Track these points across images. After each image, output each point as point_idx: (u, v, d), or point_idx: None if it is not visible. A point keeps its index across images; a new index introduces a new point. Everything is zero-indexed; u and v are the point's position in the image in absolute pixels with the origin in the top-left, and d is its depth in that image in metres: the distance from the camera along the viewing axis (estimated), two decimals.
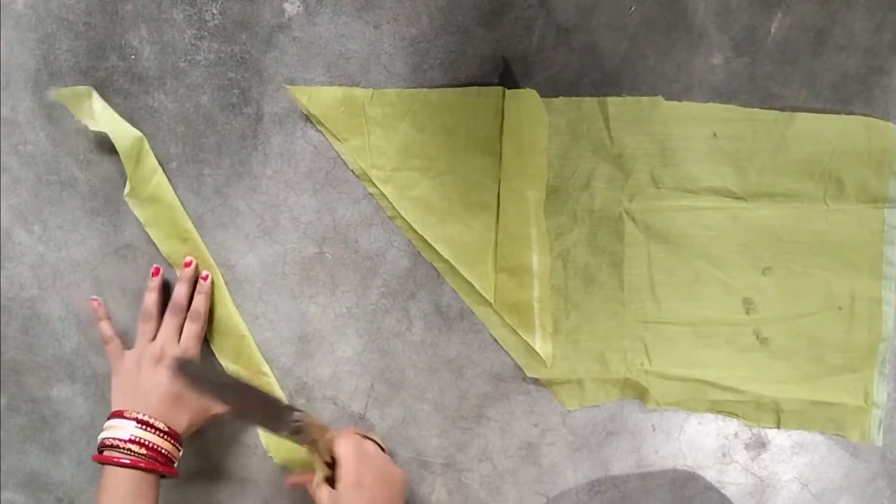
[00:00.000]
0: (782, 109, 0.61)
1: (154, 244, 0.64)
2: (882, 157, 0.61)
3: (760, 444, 0.64)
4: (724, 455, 0.64)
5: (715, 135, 0.61)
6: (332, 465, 0.55)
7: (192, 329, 0.61)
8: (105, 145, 0.63)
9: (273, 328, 0.65)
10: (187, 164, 0.63)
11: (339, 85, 0.62)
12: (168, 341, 0.60)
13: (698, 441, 0.64)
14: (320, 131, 0.63)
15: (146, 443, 0.55)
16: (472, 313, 0.64)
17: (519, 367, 0.64)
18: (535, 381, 0.64)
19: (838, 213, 0.62)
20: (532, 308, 0.62)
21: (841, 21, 0.61)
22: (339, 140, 0.63)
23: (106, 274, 0.65)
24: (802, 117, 0.61)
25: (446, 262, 0.63)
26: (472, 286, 0.63)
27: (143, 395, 0.58)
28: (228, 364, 0.64)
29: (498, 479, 0.65)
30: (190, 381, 0.52)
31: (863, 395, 0.62)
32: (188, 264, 0.62)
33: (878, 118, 0.61)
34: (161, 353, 0.59)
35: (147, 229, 0.63)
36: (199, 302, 0.62)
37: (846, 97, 0.61)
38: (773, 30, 0.61)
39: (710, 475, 0.64)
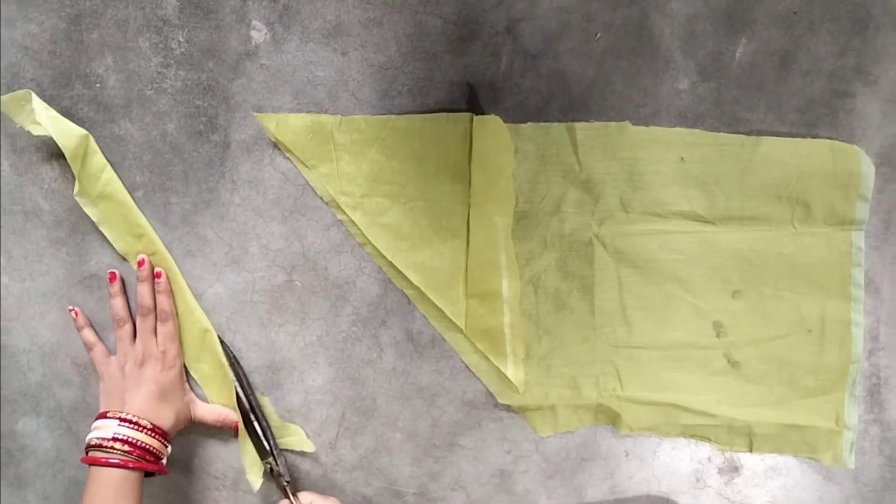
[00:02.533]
0: (748, 133, 0.61)
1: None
2: (848, 180, 0.61)
3: (734, 469, 0.63)
4: (697, 480, 0.63)
5: (682, 159, 0.61)
6: None
7: (165, 330, 0.61)
8: (70, 175, 0.62)
9: (242, 357, 0.64)
10: (154, 193, 0.63)
11: (307, 112, 0.62)
12: (147, 343, 0.61)
13: (672, 466, 0.63)
14: (288, 158, 0.63)
15: (130, 440, 0.56)
16: (444, 340, 0.64)
17: (491, 394, 0.63)
18: (508, 408, 0.64)
19: (806, 236, 0.62)
20: (503, 334, 0.62)
21: (805, 46, 0.61)
22: (307, 167, 0.62)
23: (72, 304, 0.64)
24: (768, 141, 0.61)
25: (417, 288, 0.62)
26: (443, 312, 0.62)
27: (129, 396, 0.59)
28: (191, 363, 0.63)
29: None
30: None
31: (834, 417, 0.62)
32: (141, 263, 0.61)
33: (843, 141, 0.61)
34: (143, 355, 0.60)
35: (101, 228, 0.62)
36: (163, 301, 0.62)
37: (811, 121, 0.62)
38: (738, 55, 0.61)
39: (684, 500, 0.63)
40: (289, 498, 0.59)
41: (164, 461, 0.59)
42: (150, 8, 0.62)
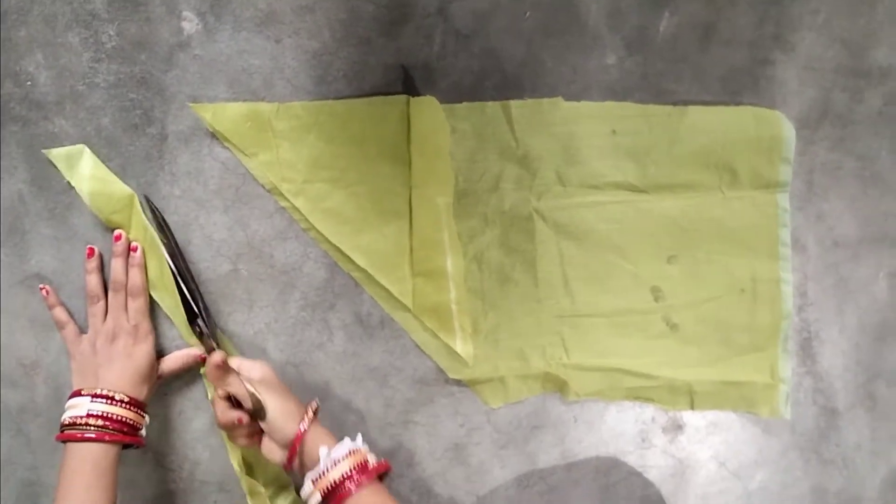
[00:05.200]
0: (675, 104, 0.63)
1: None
2: (771, 145, 0.64)
3: (677, 427, 0.66)
4: (643, 440, 0.66)
5: (614, 132, 0.63)
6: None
7: (135, 305, 0.61)
8: (6, 174, 0.62)
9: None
10: None
11: (244, 100, 0.62)
12: (118, 319, 0.60)
13: (618, 428, 0.66)
14: (227, 148, 0.63)
15: (105, 414, 0.55)
16: (393, 320, 0.65)
17: (441, 370, 0.65)
18: (459, 383, 0.65)
19: (734, 201, 0.64)
20: (450, 311, 0.63)
21: (726, 17, 0.64)
22: (247, 155, 0.63)
23: (13, 305, 0.63)
24: (694, 110, 0.63)
25: (363, 270, 0.63)
26: (391, 293, 0.63)
27: (102, 372, 0.58)
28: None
29: (428, 483, 0.65)
30: None
31: (769, 372, 0.65)
32: (118, 238, 0.61)
33: (765, 107, 0.64)
34: (114, 332, 0.60)
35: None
36: (135, 276, 0.61)
37: (735, 89, 0.64)
38: (661, 28, 0.63)
39: (631, 460, 0.66)
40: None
41: (143, 432, 0.59)
42: (77, 3, 0.61)
